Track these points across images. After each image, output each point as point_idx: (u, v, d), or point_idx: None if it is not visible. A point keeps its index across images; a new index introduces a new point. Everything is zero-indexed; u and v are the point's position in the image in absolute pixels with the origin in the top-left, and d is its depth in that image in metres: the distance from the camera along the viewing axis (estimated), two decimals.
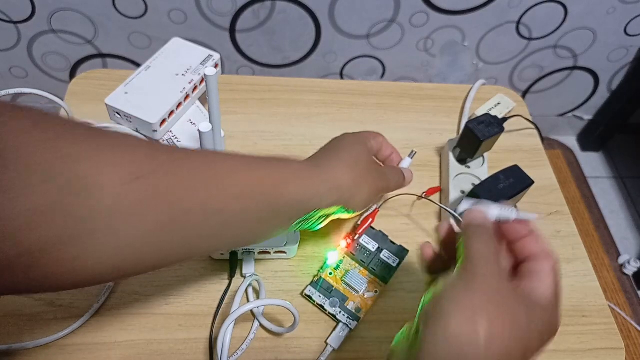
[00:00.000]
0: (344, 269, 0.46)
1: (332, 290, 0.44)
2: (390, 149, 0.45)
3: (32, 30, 1.08)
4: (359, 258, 0.46)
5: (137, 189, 0.24)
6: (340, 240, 0.48)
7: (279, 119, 0.58)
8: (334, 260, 0.46)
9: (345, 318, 0.43)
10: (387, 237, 0.48)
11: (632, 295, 1.22)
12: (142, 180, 0.25)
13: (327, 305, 0.43)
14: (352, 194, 0.36)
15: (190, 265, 0.46)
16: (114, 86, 0.49)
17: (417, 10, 1.09)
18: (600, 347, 0.46)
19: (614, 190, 1.46)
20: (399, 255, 0.47)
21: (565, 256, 0.51)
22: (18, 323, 0.41)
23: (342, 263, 0.46)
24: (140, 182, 0.25)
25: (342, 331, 0.43)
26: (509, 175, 0.47)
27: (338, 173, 0.36)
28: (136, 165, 0.25)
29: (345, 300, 0.44)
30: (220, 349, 0.38)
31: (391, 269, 0.46)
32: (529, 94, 1.38)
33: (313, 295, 0.44)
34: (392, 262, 0.46)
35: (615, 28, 1.19)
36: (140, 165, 0.25)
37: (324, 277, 0.45)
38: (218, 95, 0.41)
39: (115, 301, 0.43)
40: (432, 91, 0.64)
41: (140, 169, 0.25)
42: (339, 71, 1.24)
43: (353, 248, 0.47)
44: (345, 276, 0.45)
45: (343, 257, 0.46)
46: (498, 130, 0.51)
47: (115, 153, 0.25)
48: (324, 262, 0.46)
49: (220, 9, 1.05)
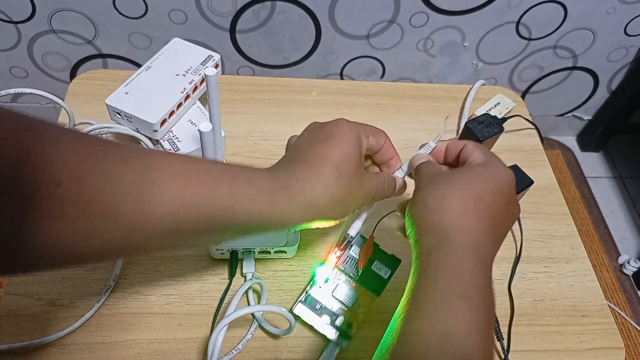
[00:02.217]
0: (334, 283, 0.44)
1: (322, 308, 0.43)
2: (392, 153, 0.38)
3: (33, 30, 1.08)
4: (349, 272, 0.44)
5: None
6: (328, 254, 0.45)
7: (279, 119, 0.58)
8: (324, 275, 0.44)
9: (336, 338, 0.42)
10: (377, 246, 0.45)
11: (631, 295, 1.22)
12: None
13: (317, 326, 0.43)
14: (330, 212, 0.32)
15: (191, 265, 0.46)
16: (114, 86, 0.49)
17: (416, 10, 1.09)
18: (600, 347, 0.46)
19: (614, 190, 1.46)
20: (391, 266, 0.44)
21: (565, 256, 0.51)
22: (18, 323, 0.41)
23: (331, 277, 0.44)
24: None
25: (333, 350, 0.42)
26: None
27: (315, 191, 0.31)
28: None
29: (335, 317, 0.43)
30: (211, 352, 0.38)
31: (382, 281, 0.44)
32: (529, 94, 1.38)
33: (301, 315, 0.43)
34: (384, 273, 0.44)
35: (615, 28, 1.19)
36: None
37: (312, 294, 0.43)
38: (218, 96, 0.41)
39: (115, 301, 0.43)
40: (431, 91, 0.64)
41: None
42: (338, 71, 1.24)
43: (342, 261, 0.44)
44: (335, 290, 0.43)
45: (332, 270, 0.44)
46: (497, 130, 0.51)
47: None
48: (311, 278, 0.45)
49: (221, 10, 1.05)
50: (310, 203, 0.30)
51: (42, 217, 0.22)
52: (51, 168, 0.22)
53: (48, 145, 0.23)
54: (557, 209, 0.55)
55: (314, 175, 0.31)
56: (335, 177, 0.31)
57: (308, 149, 0.33)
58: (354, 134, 0.34)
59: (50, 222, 0.23)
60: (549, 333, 0.46)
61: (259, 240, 0.45)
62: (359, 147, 0.34)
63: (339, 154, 0.32)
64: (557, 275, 0.50)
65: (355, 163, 0.33)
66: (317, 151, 0.32)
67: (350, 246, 0.44)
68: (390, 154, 0.38)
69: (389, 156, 0.38)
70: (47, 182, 0.22)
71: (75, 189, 0.23)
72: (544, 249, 0.52)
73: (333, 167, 0.32)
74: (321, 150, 0.32)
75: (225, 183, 0.28)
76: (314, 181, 0.31)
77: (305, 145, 0.34)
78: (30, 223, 0.22)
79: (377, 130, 0.37)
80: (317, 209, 0.31)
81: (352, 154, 0.33)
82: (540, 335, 0.46)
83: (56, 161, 0.23)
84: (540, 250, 0.52)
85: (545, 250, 0.52)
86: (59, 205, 0.23)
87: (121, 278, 0.44)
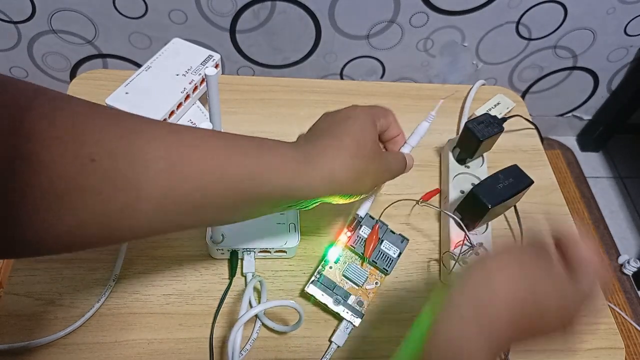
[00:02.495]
0: (344, 262, 0.45)
1: (335, 287, 0.44)
2: (398, 129, 0.40)
3: (33, 30, 1.08)
4: (359, 251, 0.45)
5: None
6: (339, 234, 0.47)
7: (279, 119, 0.58)
8: (335, 255, 0.45)
9: (349, 315, 0.43)
10: (386, 226, 0.47)
11: (632, 295, 1.22)
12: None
13: (330, 304, 0.43)
14: (350, 186, 0.33)
15: (191, 265, 0.46)
16: (114, 86, 0.49)
17: (416, 10, 1.09)
18: (600, 347, 0.46)
19: (614, 190, 1.46)
20: (399, 245, 0.46)
21: None
22: (18, 323, 0.41)
23: (342, 257, 0.46)
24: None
25: (346, 328, 0.43)
26: (508, 175, 0.47)
27: (336, 163, 0.32)
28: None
29: (347, 296, 0.44)
30: (231, 354, 0.38)
31: (392, 260, 0.45)
32: (529, 94, 1.38)
33: (315, 294, 0.43)
34: (393, 252, 0.46)
35: (615, 28, 1.19)
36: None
37: (324, 273, 0.44)
38: (218, 96, 0.41)
39: (116, 301, 0.43)
40: (431, 91, 0.64)
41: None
42: (339, 71, 1.24)
43: (352, 241, 0.46)
44: (346, 270, 0.45)
45: (342, 250, 0.46)
46: (497, 130, 0.51)
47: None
48: (323, 257, 0.46)
49: (221, 10, 1.05)
50: (332, 174, 0.32)
51: (77, 192, 0.23)
52: (85, 144, 0.23)
53: (80, 122, 0.24)
54: (557, 209, 0.55)
55: (336, 149, 0.32)
56: (355, 150, 0.33)
57: (327, 128, 0.34)
58: (369, 117, 0.36)
59: (87, 197, 0.23)
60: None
61: (259, 240, 0.45)
62: (375, 128, 0.36)
63: (357, 130, 0.34)
64: None
65: (373, 140, 0.35)
66: (336, 128, 0.34)
67: (360, 226, 0.46)
68: (396, 130, 0.40)
69: (395, 133, 0.40)
70: (82, 157, 0.23)
71: (109, 165, 0.24)
72: None
73: (353, 140, 0.33)
74: (340, 127, 0.34)
75: (251, 154, 0.29)
76: (336, 154, 0.32)
77: (324, 125, 0.35)
78: (67, 198, 0.23)
79: (385, 110, 0.38)
80: (339, 181, 0.32)
81: (370, 131, 0.35)
82: None
83: (89, 138, 0.23)
84: None
85: None
86: (94, 181, 0.23)
87: (121, 278, 0.44)
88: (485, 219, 0.47)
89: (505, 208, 0.50)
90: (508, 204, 0.48)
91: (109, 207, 0.24)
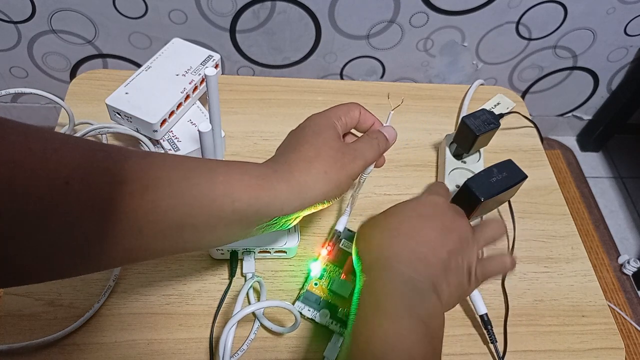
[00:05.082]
0: (328, 277, 0.45)
1: (321, 302, 0.43)
2: (371, 119, 0.39)
3: (33, 30, 1.08)
4: (341, 265, 0.45)
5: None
6: (320, 249, 0.47)
7: (279, 119, 0.58)
8: (317, 270, 0.45)
9: (339, 328, 0.42)
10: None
11: (631, 295, 1.22)
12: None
13: (317, 319, 0.43)
14: (320, 192, 0.33)
15: (190, 265, 0.46)
16: (114, 86, 0.49)
17: (416, 10, 1.09)
18: (600, 347, 0.46)
19: (614, 190, 1.46)
20: None
21: (565, 256, 0.51)
22: (18, 323, 0.41)
23: (326, 271, 0.45)
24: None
25: (337, 342, 0.42)
26: (502, 169, 0.46)
27: (300, 173, 0.32)
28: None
29: (335, 309, 0.43)
30: (222, 351, 0.38)
31: None
32: (529, 94, 1.38)
33: (302, 310, 0.43)
34: None
35: (615, 28, 1.19)
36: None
37: (309, 289, 0.44)
38: (218, 96, 0.41)
39: (116, 301, 0.43)
40: (431, 91, 0.64)
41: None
42: (338, 71, 1.24)
43: (334, 255, 0.45)
44: (331, 284, 0.44)
45: (326, 265, 0.45)
46: (494, 126, 0.51)
47: None
48: (307, 275, 0.45)
49: (221, 10, 1.05)
50: (300, 189, 0.32)
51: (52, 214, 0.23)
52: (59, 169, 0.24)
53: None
54: (557, 209, 0.55)
55: (299, 160, 0.33)
56: (317, 158, 0.34)
57: (289, 143, 0.36)
58: (324, 120, 0.36)
59: (60, 218, 0.24)
60: (549, 333, 0.46)
61: (259, 240, 0.45)
62: (334, 130, 0.36)
63: (314, 136, 0.35)
64: (557, 276, 0.50)
65: (336, 141, 0.35)
66: (296, 141, 0.35)
67: (340, 240, 0.47)
68: (369, 121, 0.39)
69: (369, 123, 0.39)
70: (57, 179, 0.23)
71: (81, 187, 0.25)
72: (544, 249, 0.52)
73: (312, 147, 0.34)
74: (299, 139, 0.35)
75: (220, 173, 0.30)
76: (301, 166, 0.33)
77: (287, 142, 0.37)
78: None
79: (347, 107, 0.38)
80: (307, 194, 0.33)
81: (330, 137, 0.35)
82: (540, 336, 0.46)
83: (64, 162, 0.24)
84: (540, 250, 0.52)
85: (545, 250, 0.52)
86: (68, 202, 0.24)
87: (121, 278, 0.44)
88: (477, 212, 0.46)
89: (499, 202, 0.50)
90: (501, 198, 0.48)
91: (81, 229, 0.24)
